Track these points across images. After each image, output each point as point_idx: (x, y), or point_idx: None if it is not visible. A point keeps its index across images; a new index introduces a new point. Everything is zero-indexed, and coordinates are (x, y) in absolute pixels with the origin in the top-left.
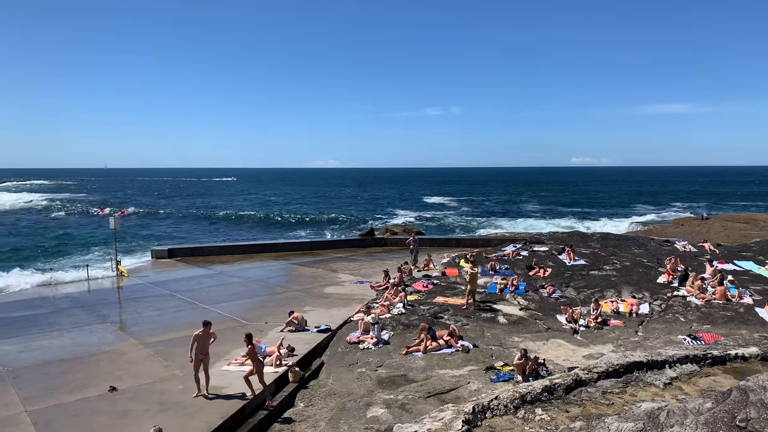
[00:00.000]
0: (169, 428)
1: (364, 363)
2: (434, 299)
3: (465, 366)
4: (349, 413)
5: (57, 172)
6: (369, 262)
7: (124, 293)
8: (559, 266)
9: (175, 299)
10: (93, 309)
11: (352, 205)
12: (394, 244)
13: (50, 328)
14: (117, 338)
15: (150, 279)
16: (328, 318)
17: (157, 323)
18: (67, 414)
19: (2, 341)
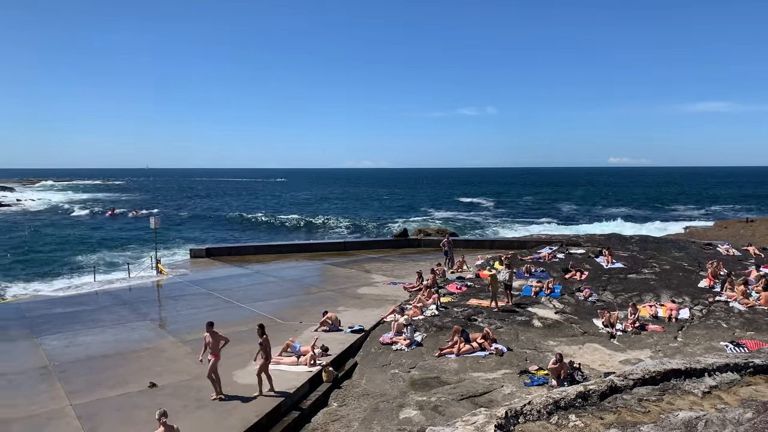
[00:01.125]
0: (206, 425)
1: (397, 364)
2: (468, 301)
3: (499, 369)
4: (381, 414)
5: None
6: (402, 263)
7: (163, 291)
8: (596, 269)
9: (213, 298)
10: (134, 306)
11: (384, 205)
12: (427, 246)
13: (93, 325)
14: (157, 335)
15: (188, 278)
16: (361, 318)
17: (195, 321)
18: (110, 408)
19: (49, 337)
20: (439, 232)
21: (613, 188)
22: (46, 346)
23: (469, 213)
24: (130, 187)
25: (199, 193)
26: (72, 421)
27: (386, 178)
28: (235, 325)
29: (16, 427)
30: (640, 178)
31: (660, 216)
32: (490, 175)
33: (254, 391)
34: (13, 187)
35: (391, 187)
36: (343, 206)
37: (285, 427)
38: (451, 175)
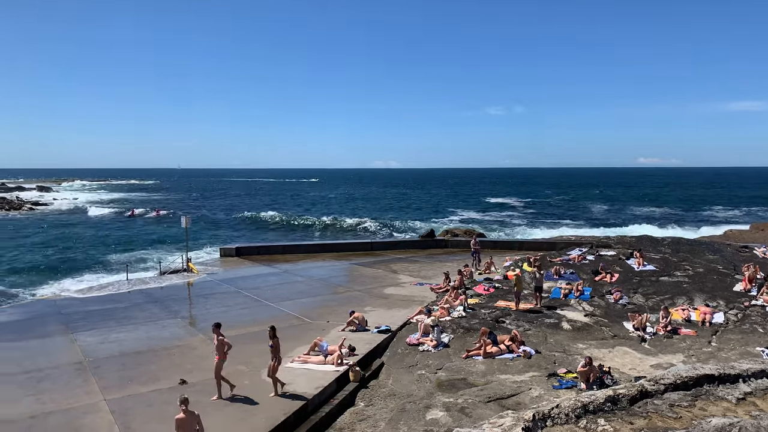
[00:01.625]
0: (234, 421)
1: (424, 365)
2: (495, 303)
3: (526, 372)
4: (408, 415)
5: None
6: (429, 264)
7: (193, 290)
8: (626, 271)
9: (242, 296)
10: (165, 304)
11: (412, 205)
12: (454, 246)
13: (126, 322)
14: (187, 333)
15: (218, 276)
16: (388, 319)
17: (224, 319)
18: (142, 404)
19: (84, 333)
20: (467, 232)
21: (644, 189)
22: (81, 342)
23: (497, 213)
24: (161, 186)
25: (229, 193)
26: (106, 416)
27: (414, 179)
28: (265, 324)
29: (54, 419)
30: (671, 178)
31: (693, 217)
32: (518, 175)
33: (282, 389)
34: (50, 186)
35: (419, 187)
36: (370, 207)
37: (312, 426)
38: (479, 175)
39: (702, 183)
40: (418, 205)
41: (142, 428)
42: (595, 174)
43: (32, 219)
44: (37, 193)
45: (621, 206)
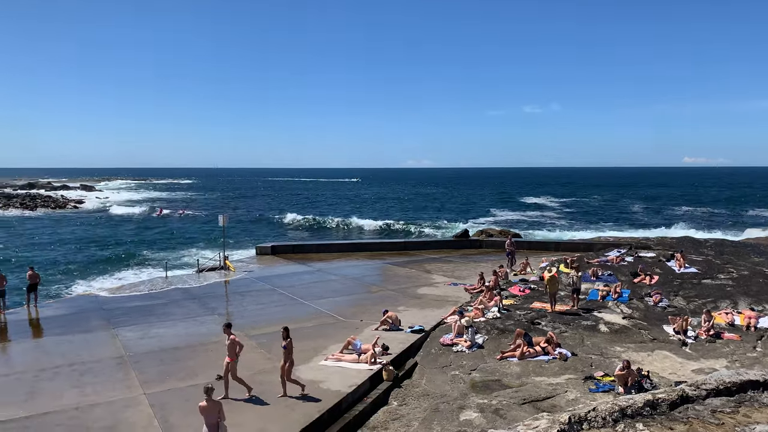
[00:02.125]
0: (269, 418)
1: (458, 366)
2: (531, 304)
3: (562, 374)
4: (442, 415)
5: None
6: (463, 264)
7: (230, 287)
8: (667, 274)
9: (277, 294)
10: (203, 301)
11: (445, 205)
12: (489, 247)
13: (165, 318)
14: None
15: (254, 274)
16: (421, 319)
17: (260, 316)
18: (180, 398)
19: (125, 329)
20: (502, 233)
21: (688, 189)
22: (122, 337)
23: (533, 213)
24: (198, 186)
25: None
26: (145, 409)
27: (448, 178)
28: (300, 322)
29: (99, 410)
30: (717, 178)
31: (738, 219)
32: (555, 175)
33: (316, 386)
34: (93, 185)
35: (453, 186)
36: (403, 206)
37: (346, 424)
38: (514, 174)
39: (748, 183)
40: (451, 204)
41: (179, 422)
42: (636, 174)
43: (75, 217)
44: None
45: (662, 207)
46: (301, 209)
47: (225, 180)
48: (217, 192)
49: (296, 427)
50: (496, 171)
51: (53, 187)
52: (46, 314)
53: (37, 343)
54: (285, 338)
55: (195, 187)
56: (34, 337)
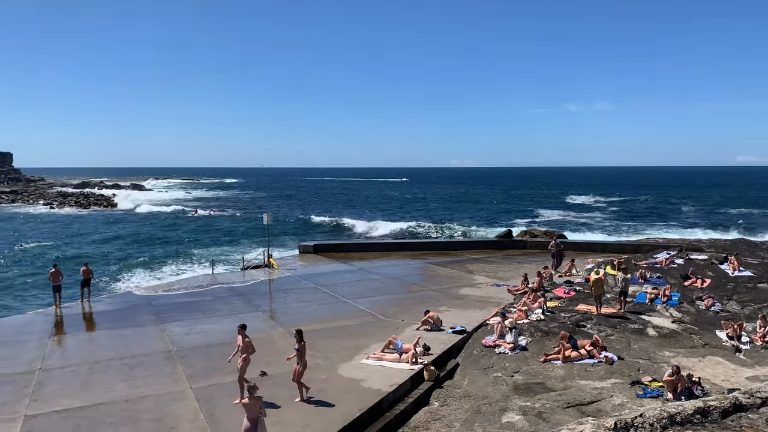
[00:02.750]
0: (311, 415)
1: (500, 367)
2: (576, 307)
3: (608, 378)
4: (483, 417)
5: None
6: (506, 265)
7: (274, 285)
8: (719, 277)
9: (320, 292)
10: (247, 298)
11: (489, 205)
12: (533, 247)
13: (211, 314)
14: (268, 326)
15: (297, 272)
16: (463, 319)
17: (303, 314)
18: (225, 393)
19: (172, 324)
20: (547, 233)
21: (742, 190)
22: (170, 332)
23: (578, 213)
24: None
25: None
26: (192, 403)
27: (491, 177)
28: (342, 320)
29: (148, 402)
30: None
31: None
32: (601, 174)
33: (357, 384)
34: (143, 184)
35: (497, 186)
36: (447, 206)
37: (386, 423)
38: (559, 173)
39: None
40: (494, 204)
41: (224, 417)
42: (687, 173)
43: (122, 215)
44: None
45: (714, 207)
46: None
47: (271, 179)
48: (261, 191)
49: (337, 424)
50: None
51: (105, 186)
52: (98, 309)
53: (90, 337)
54: (299, 341)
55: (240, 187)
56: (88, 330)
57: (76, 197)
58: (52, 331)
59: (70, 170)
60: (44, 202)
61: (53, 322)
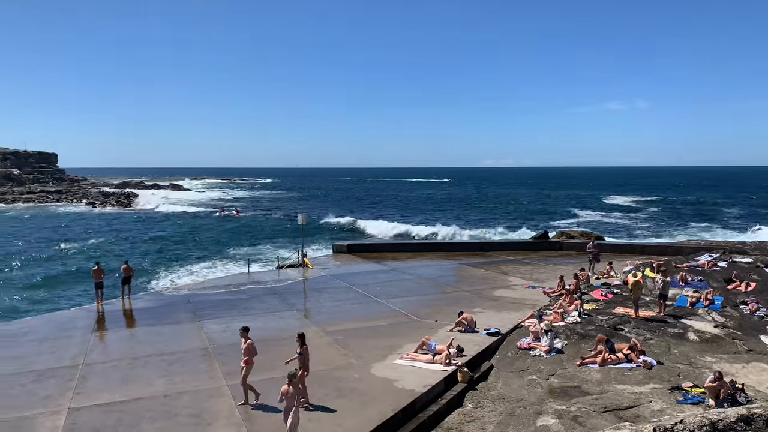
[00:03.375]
0: (346, 413)
1: (535, 370)
2: (614, 309)
3: (647, 383)
4: (518, 419)
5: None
6: (542, 267)
7: (308, 284)
8: (765, 281)
9: (353, 292)
10: (282, 296)
11: (525, 205)
12: (570, 249)
13: (247, 312)
14: (302, 325)
15: (331, 272)
16: (497, 321)
17: (336, 313)
18: (259, 390)
19: (209, 321)
20: (584, 234)
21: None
22: (207, 330)
23: (617, 214)
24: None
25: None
26: (227, 400)
27: (529, 177)
28: (375, 319)
29: (186, 398)
30: None
31: None
32: (641, 174)
33: (390, 384)
34: (181, 184)
35: (533, 186)
36: (480, 206)
37: (420, 424)
38: (598, 173)
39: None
40: (532, 204)
41: (259, 414)
42: (732, 173)
43: (158, 215)
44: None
45: (760, 209)
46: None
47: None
48: (297, 191)
49: (370, 424)
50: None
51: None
52: (138, 306)
53: (130, 333)
54: (300, 345)
55: (276, 187)
56: (128, 327)
57: (117, 197)
58: (94, 327)
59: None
60: (87, 201)
61: (95, 318)
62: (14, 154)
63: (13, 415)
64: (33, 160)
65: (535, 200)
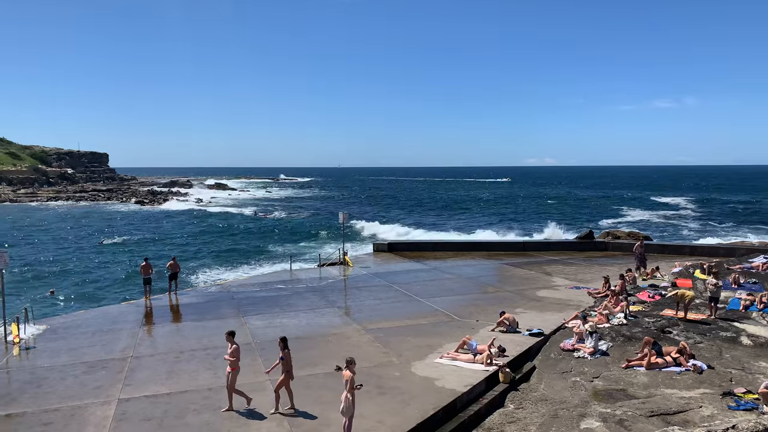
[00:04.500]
0: (387, 410)
1: (579, 372)
2: (661, 312)
3: (696, 388)
4: (560, 422)
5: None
6: (587, 267)
7: (349, 282)
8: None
9: (393, 290)
10: (323, 294)
11: (568, 205)
12: (615, 249)
13: (289, 309)
14: (343, 322)
15: (371, 270)
16: (540, 322)
17: (377, 311)
18: (301, 386)
19: (253, 317)
20: (630, 235)
21: None
22: (250, 325)
23: (665, 214)
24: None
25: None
26: (269, 394)
27: (572, 177)
28: (415, 318)
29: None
30: None
31: None
32: (691, 173)
33: (431, 383)
34: (226, 183)
35: (577, 186)
36: (523, 205)
37: (461, 423)
38: (645, 173)
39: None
40: (575, 203)
41: (301, 408)
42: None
43: (201, 212)
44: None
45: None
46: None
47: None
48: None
49: (412, 422)
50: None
51: (191, 185)
52: (184, 301)
53: (177, 328)
54: (282, 349)
55: (316, 186)
56: (174, 321)
57: (164, 195)
58: (142, 321)
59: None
60: (136, 200)
61: (143, 313)
62: (69, 154)
63: (66, 404)
64: (85, 160)
65: (579, 199)
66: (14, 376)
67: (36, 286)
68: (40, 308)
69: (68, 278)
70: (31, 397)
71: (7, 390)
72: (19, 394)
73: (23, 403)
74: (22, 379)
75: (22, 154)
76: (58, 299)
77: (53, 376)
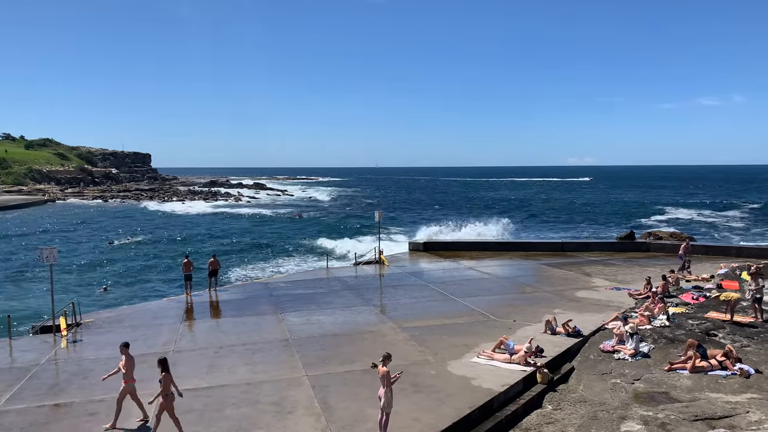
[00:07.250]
0: (422, 408)
1: (619, 374)
2: (706, 314)
3: (743, 393)
4: (600, 423)
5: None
6: (627, 268)
7: (384, 280)
8: None
9: (429, 289)
10: (359, 292)
11: (609, 204)
12: (657, 250)
13: (326, 306)
14: (378, 320)
15: (407, 269)
16: (579, 323)
17: (412, 310)
18: (337, 383)
19: (290, 313)
20: (673, 235)
21: None
22: (288, 322)
23: (710, 215)
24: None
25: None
26: (307, 390)
27: (613, 176)
28: (451, 317)
29: (267, 386)
30: None
31: None
32: (738, 173)
33: (467, 382)
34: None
35: (619, 186)
36: (561, 205)
37: (497, 423)
38: (690, 172)
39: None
40: (616, 203)
41: (337, 404)
42: None
43: (235, 212)
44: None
45: None
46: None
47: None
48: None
49: (447, 420)
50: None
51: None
52: (223, 298)
53: (216, 323)
54: (161, 371)
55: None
56: (214, 317)
57: (204, 195)
58: (182, 316)
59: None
60: (177, 198)
61: (184, 308)
62: (113, 155)
63: (111, 396)
64: (129, 160)
65: (620, 200)
66: (62, 368)
67: (85, 283)
68: (86, 303)
69: (113, 275)
70: (78, 388)
71: (55, 381)
72: (66, 385)
73: (71, 394)
74: (69, 371)
75: (69, 155)
76: (105, 295)
77: (98, 369)
